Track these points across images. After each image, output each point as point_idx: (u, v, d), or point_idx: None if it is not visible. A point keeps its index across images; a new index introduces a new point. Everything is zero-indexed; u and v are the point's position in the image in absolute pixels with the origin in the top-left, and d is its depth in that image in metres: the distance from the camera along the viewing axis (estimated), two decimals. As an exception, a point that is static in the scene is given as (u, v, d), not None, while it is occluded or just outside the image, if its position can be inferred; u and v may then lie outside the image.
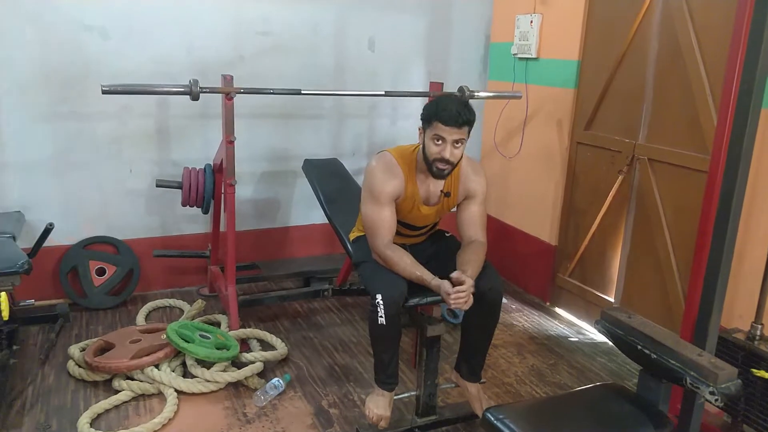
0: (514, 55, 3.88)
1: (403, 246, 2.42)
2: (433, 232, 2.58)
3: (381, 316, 2.16)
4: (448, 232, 2.62)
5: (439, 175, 2.25)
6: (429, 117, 2.21)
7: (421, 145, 2.27)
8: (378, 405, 2.38)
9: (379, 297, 2.17)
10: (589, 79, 3.43)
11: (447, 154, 2.18)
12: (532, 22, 3.70)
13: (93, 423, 2.45)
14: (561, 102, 3.59)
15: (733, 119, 2.01)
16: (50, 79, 3.24)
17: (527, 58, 3.80)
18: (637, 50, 3.14)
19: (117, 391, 2.64)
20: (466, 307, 2.15)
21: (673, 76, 2.95)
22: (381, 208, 2.30)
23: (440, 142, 2.18)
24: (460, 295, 2.11)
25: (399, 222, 2.40)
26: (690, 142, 2.88)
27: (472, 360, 2.51)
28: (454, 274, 2.15)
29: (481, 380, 2.55)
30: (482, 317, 2.39)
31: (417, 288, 2.33)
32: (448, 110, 2.14)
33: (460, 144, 2.20)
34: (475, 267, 2.23)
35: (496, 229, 4.23)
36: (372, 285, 2.26)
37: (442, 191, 2.36)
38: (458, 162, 2.26)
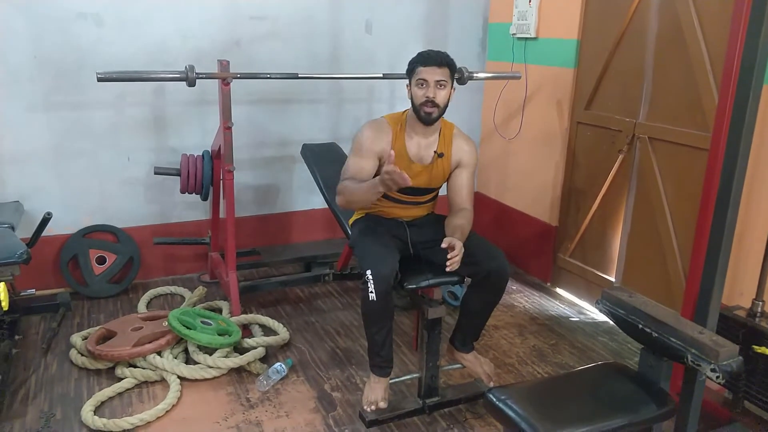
0: (512, 35, 3.84)
1: (403, 221, 2.48)
2: (437, 217, 2.56)
3: (371, 292, 2.17)
4: None
5: (427, 120, 2.34)
6: (412, 66, 2.36)
7: (410, 100, 2.37)
8: (374, 391, 2.40)
9: (369, 273, 2.19)
10: (589, 58, 3.40)
11: (431, 94, 2.29)
12: (530, 1, 3.65)
13: (97, 411, 2.46)
14: (560, 82, 3.56)
15: (735, 96, 1.98)
16: (45, 68, 3.21)
17: (526, 38, 3.77)
18: (637, 28, 3.11)
19: (120, 379, 2.65)
20: (456, 268, 2.18)
21: (674, 53, 2.92)
22: (361, 160, 2.39)
23: (424, 84, 2.30)
24: (454, 259, 2.16)
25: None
26: (691, 120, 2.86)
27: (469, 333, 2.55)
28: (445, 241, 2.18)
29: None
30: (486, 296, 2.41)
31: (415, 270, 2.33)
32: (426, 54, 2.33)
33: (443, 86, 2.31)
34: (464, 232, 2.32)
35: (497, 211, 4.23)
36: (363, 262, 2.28)
37: (435, 152, 2.42)
38: (444, 109, 2.35)
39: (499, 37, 4.04)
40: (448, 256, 2.15)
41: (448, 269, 2.16)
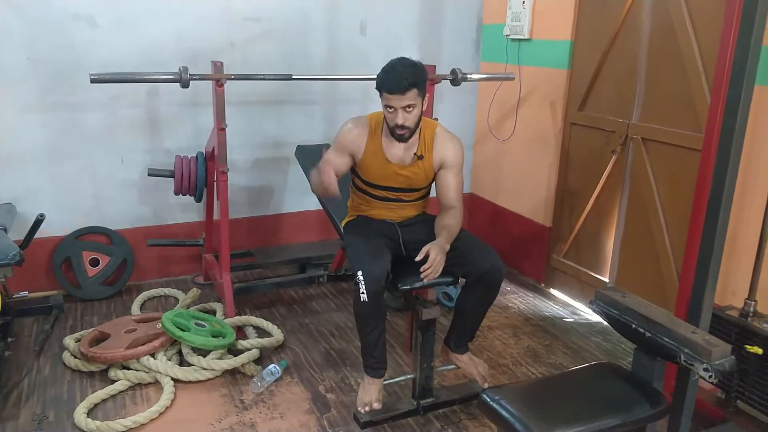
0: (506, 36, 3.85)
1: (394, 222, 2.48)
2: (428, 217, 2.57)
3: (363, 293, 2.18)
4: None
5: (401, 140, 2.34)
6: (378, 87, 2.29)
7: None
8: (368, 392, 2.40)
9: (360, 274, 2.19)
10: (582, 59, 3.41)
11: (399, 120, 2.26)
12: (524, 2, 3.66)
13: (90, 413, 2.45)
14: (554, 83, 3.57)
15: (727, 97, 2.00)
16: (39, 69, 3.20)
17: (520, 39, 3.78)
18: (629, 29, 3.12)
19: (113, 381, 2.64)
20: (433, 279, 2.25)
21: (666, 54, 2.93)
22: (334, 153, 2.43)
23: (392, 110, 2.26)
24: (427, 272, 2.21)
25: (377, 186, 2.46)
26: (683, 120, 2.87)
27: (464, 334, 2.55)
28: (421, 253, 2.22)
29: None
30: (481, 295, 2.41)
31: (409, 271, 2.33)
32: (389, 79, 2.23)
33: (411, 108, 2.26)
34: (452, 231, 2.33)
35: (491, 212, 4.24)
36: (354, 264, 2.28)
37: (415, 154, 2.41)
38: (417, 125, 2.33)
39: (492, 38, 4.05)
40: (421, 269, 2.19)
41: (424, 281, 2.21)
